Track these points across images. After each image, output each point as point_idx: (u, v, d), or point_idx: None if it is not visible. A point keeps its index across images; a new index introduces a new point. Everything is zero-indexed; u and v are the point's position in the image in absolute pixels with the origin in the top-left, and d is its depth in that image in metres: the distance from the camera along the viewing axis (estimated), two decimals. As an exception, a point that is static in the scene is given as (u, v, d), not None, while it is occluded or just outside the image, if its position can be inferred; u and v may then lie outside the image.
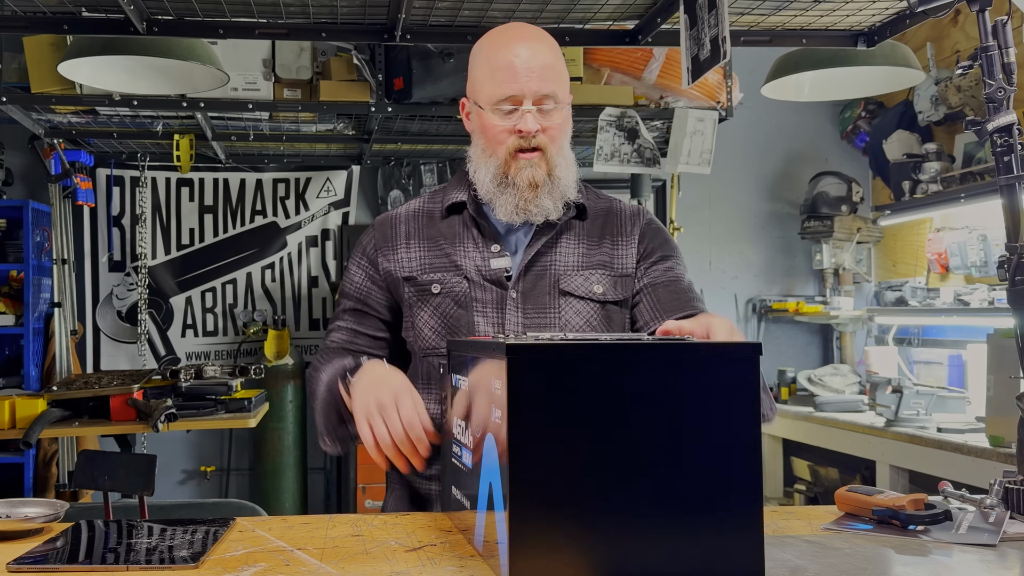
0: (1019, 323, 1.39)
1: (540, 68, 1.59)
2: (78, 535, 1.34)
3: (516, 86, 1.58)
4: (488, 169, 1.64)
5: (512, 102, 1.59)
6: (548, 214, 1.64)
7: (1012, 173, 1.39)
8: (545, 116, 1.60)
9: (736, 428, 1.09)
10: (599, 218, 1.73)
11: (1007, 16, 1.43)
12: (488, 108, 1.61)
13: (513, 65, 1.58)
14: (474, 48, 1.69)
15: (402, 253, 1.70)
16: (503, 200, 1.63)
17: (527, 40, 1.61)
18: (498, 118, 1.60)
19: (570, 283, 1.66)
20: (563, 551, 1.05)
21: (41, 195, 4.72)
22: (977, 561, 1.19)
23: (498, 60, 1.60)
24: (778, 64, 3.00)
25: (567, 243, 1.69)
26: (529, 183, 1.61)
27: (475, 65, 1.66)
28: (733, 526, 1.08)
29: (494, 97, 1.60)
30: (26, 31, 3.24)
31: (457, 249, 1.68)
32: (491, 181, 1.63)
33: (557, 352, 1.09)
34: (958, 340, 4.33)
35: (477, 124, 1.67)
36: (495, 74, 1.59)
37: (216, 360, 5.03)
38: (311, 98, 3.69)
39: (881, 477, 3.76)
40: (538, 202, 1.62)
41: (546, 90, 1.59)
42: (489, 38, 1.66)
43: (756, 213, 5.32)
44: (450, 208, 1.71)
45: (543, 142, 1.61)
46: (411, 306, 1.69)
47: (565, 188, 1.64)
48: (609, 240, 1.72)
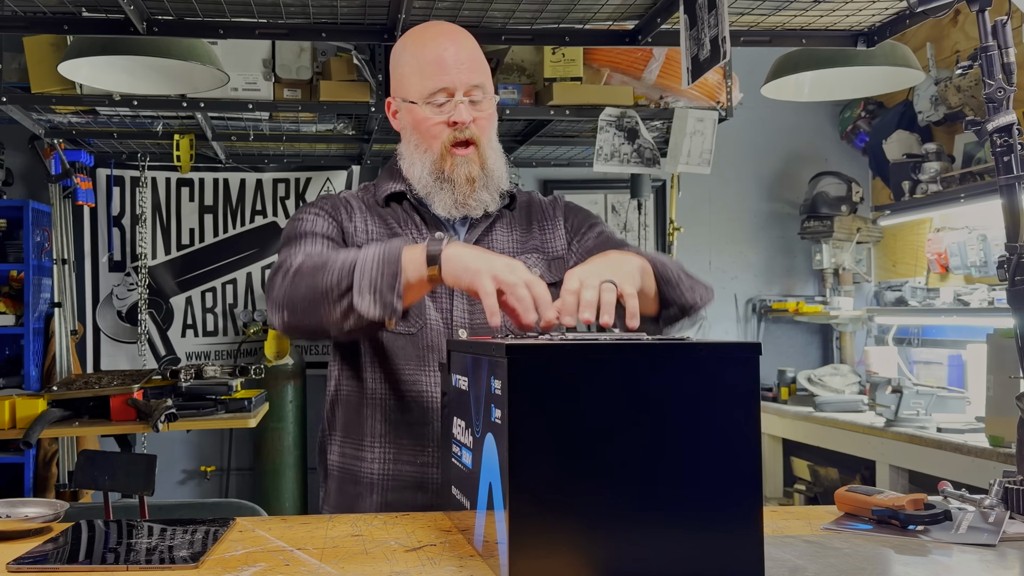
0: (1019, 323, 1.39)
1: (468, 60, 1.63)
2: (78, 535, 1.34)
3: (448, 78, 1.61)
4: (424, 164, 1.66)
5: (445, 93, 1.62)
6: (486, 206, 1.68)
7: (1012, 173, 1.39)
8: (476, 106, 1.64)
9: (736, 428, 1.10)
10: (524, 207, 1.79)
11: (1007, 16, 1.43)
12: (420, 102, 1.63)
13: (443, 58, 1.62)
14: (397, 47, 1.72)
15: (358, 222, 1.69)
16: (441, 196, 1.65)
17: (452, 35, 1.66)
18: (431, 111, 1.63)
19: None
20: (563, 551, 1.05)
21: (41, 195, 4.72)
22: (977, 561, 1.19)
23: (427, 55, 1.63)
24: (778, 64, 3.00)
25: (501, 232, 1.74)
26: (466, 178, 1.64)
27: (401, 62, 1.68)
28: (733, 526, 1.08)
29: (426, 90, 1.62)
30: (26, 31, 3.24)
31: (405, 232, 1.69)
32: (428, 175, 1.65)
33: (557, 352, 1.09)
34: (958, 340, 4.33)
35: (408, 121, 1.68)
36: (425, 68, 1.62)
37: (216, 360, 5.04)
38: (311, 98, 3.69)
39: (881, 477, 3.76)
40: (476, 196, 1.65)
41: (476, 80, 1.63)
42: (412, 36, 1.69)
43: (756, 213, 5.32)
44: (388, 198, 1.72)
45: (475, 133, 1.64)
46: None
47: (499, 179, 1.68)
48: (537, 226, 1.77)
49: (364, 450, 1.68)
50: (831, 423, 4.11)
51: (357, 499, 1.69)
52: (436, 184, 1.65)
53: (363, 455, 1.68)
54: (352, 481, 1.70)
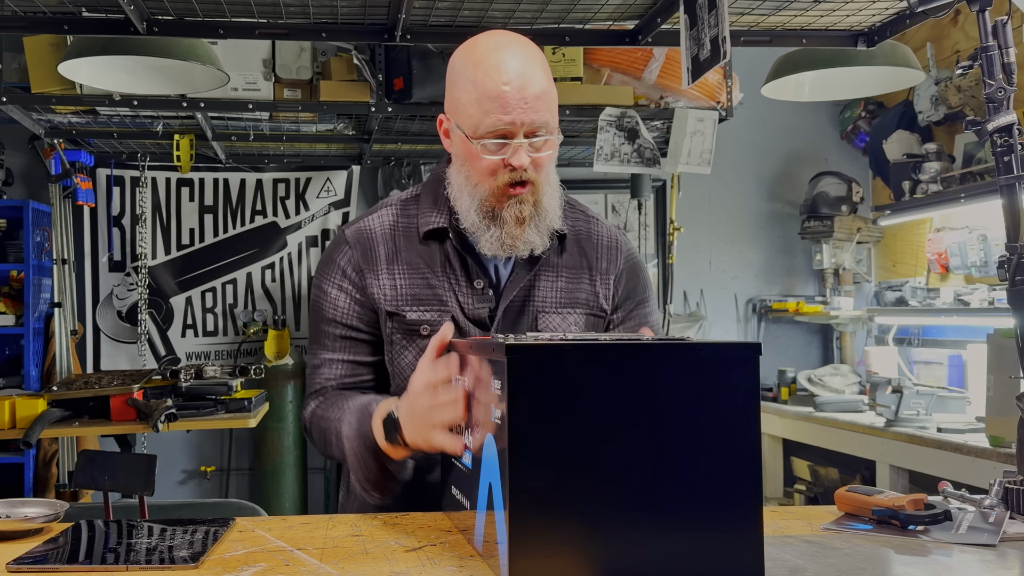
0: (1019, 323, 1.39)
1: (534, 97, 1.47)
2: (78, 535, 1.34)
3: (507, 119, 1.46)
4: (473, 200, 1.54)
5: (503, 135, 1.48)
6: (534, 248, 1.56)
7: (1012, 173, 1.39)
8: (536, 148, 1.51)
9: (736, 428, 1.09)
10: (578, 245, 1.67)
11: (1007, 16, 1.43)
12: (475, 139, 1.49)
13: (505, 96, 1.46)
14: (456, 62, 1.55)
15: (384, 280, 1.59)
16: (488, 236, 1.54)
17: (518, 62, 1.48)
18: (487, 151, 1.49)
19: (548, 323, 1.61)
20: (563, 551, 1.05)
21: (41, 195, 4.72)
22: (977, 561, 1.19)
23: (487, 87, 1.47)
24: (778, 64, 3.00)
25: (547, 277, 1.63)
26: (516, 218, 1.52)
27: (458, 86, 1.52)
28: (733, 526, 1.08)
29: (482, 128, 1.48)
30: (26, 31, 3.24)
31: (441, 282, 1.59)
32: (476, 213, 1.54)
33: (557, 352, 1.09)
34: (958, 340, 4.33)
35: (460, 151, 1.55)
36: (483, 103, 1.47)
37: (216, 360, 5.04)
38: (311, 98, 3.69)
39: (881, 477, 3.76)
40: (525, 237, 1.54)
41: (540, 121, 1.49)
42: (474, 55, 1.51)
43: (756, 213, 5.32)
44: (429, 233, 1.60)
45: (532, 176, 1.52)
46: (393, 343, 1.59)
47: (551, 219, 1.57)
48: (587, 275, 1.66)
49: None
50: (831, 423, 4.11)
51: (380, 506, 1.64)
52: (483, 223, 1.53)
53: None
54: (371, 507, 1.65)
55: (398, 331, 1.58)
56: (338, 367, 1.61)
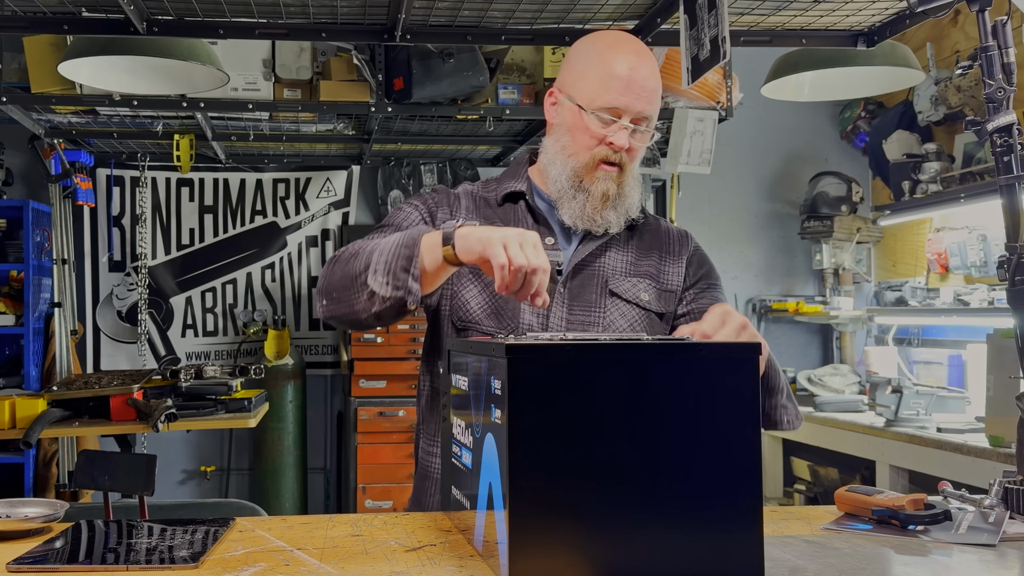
0: (1019, 323, 1.39)
1: (650, 91, 1.60)
2: (78, 535, 1.34)
3: (624, 100, 1.58)
4: (565, 168, 1.63)
5: (614, 113, 1.59)
6: (610, 227, 1.65)
7: (1012, 173, 1.39)
8: (636, 136, 1.61)
9: (736, 428, 1.10)
10: (648, 233, 1.76)
11: (1007, 16, 1.43)
12: (588, 110, 1.60)
13: (630, 79, 1.58)
14: (584, 44, 1.66)
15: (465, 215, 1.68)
16: (572, 204, 1.63)
17: (645, 59, 1.62)
18: (595, 123, 1.60)
19: (619, 286, 1.68)
20: (563, 551, 1.05)
21: (41, 195, 4.72)
22: (977, 561, 1.19)
23: (616, 67, 1.59)
24: (778, 64, 3.00)
25: (616, 250, 1.71)
26: (603, 194, 1.61)
27: (585, 62, 1.63)
28: (733, 526, 1.08)
29: (598, 102, 1.59)
30: (26, 31, 3.24)
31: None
32: (566, 180, 1.63)
33: (557, 352, 1.09)
34: (958, 340, 4.33)
35: (567, 120, 1.64)
36: (608, 81, 1.58)
37: (216, 360, 5.04)
38: (311, 98, 3.69)
39: (881, 477, 3.76)
40: (605, 214, 1.63)
41: (647, 112, 1.61)
42: (607, 40, 1.64)
43: (756, 213, 5.32)
44: (506, 197, 1.71)
45: (625, 160, 1.62)
46: (460, 276, 1.65)
47: (630, 205, 1.66)
48: (657, 255, 1.74)
49: (434, 444, 1.68)
50: (831, 423, 4.11)
51: (424, 494, 1.69)
52: (571, 192, 1.63)
53: (433, 449, 1.69)
54: (423, 476, 1.70)
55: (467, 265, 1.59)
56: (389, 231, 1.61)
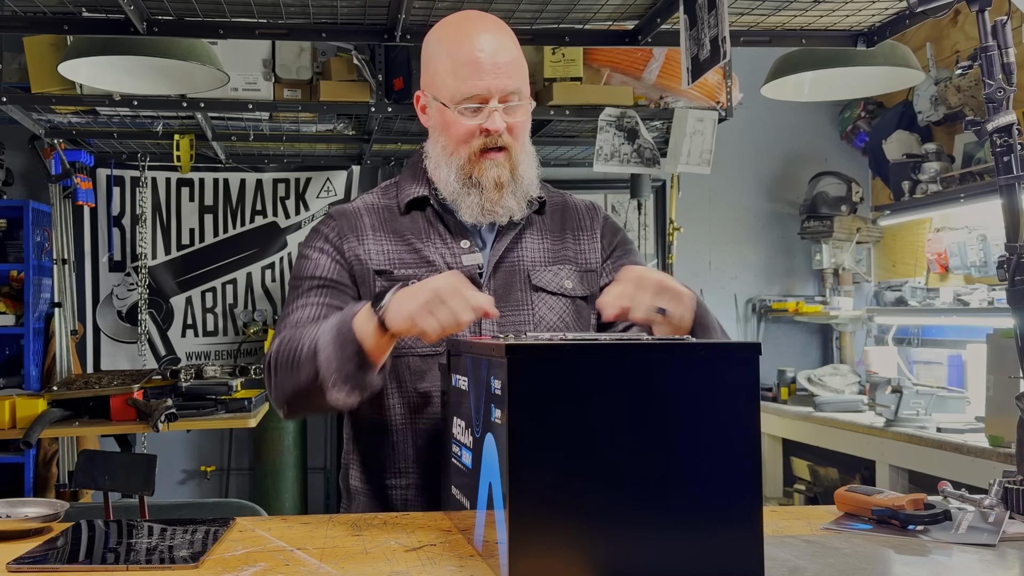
0: (1019, 323, 1.39)
1: (506, 64, 1.53)
2: (78, 535, 1.34)
3: (482, 84, 1.52)
4: (451, 168, 1.58)
5: (478, 100, 1.53)
6: (512, 214, 1.60)
7: (1012, 173, 1.39)
8: (510, 113, 1.55)
9: (736, 428, 1.10)
10: (556, 212, 1.71)
11: (1007, 16, 1.43)
12: (452, 105, 1.54)
13: (478, 61, 1.52)
14: (430, 38, 1.61)
15: (370, 244, 1.62)
16: (468, 201, 1.58)
17: (490, 33, 1.55)
18: (463, 116, 1.54)
19: (541, 278, 1.64)
20: (563, 551, 1.05)
21: (41, 195, 4.72)
22: (976, 561, 1.19)
23: (461, 55, 1.53)
24: (778, 64, 3.00)
25: (531, 238, 1.66)
26: (495, 183, 1.56)
27: (433, 58, 1.58)
28: (733, 526, 1.08)
29: (458, 95, 1.54)
30: (26, 31, 3.25)
31: (426, 244, 1.62)
32: (455, 180, 1.58)
33: (557, 352, 1.09)
34: (958, 340, 4.33)
35: (438, 121, 1.60)
36: (458, 70, 1.53)
37: (216, 360, 5.03)
38: (311, 98, 3.69)
39: (881, 477, 3.76)
40: (503, 203, 1.58)
41: (512, 86, 1.54)
42: (447, 29, 1.59)
43: (756, 213, 5.32)
44: (410, 204, 1.65)
45: (508, 141, 1.56)
46: None
47: (528, 186, 1.61)
48: (571, 235, 1.70)
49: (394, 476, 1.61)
50: (831, 423, 4.11)
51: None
52: (463, 189, 1.58)
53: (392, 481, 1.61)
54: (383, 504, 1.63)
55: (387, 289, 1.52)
56: (312, 310, 1.57)
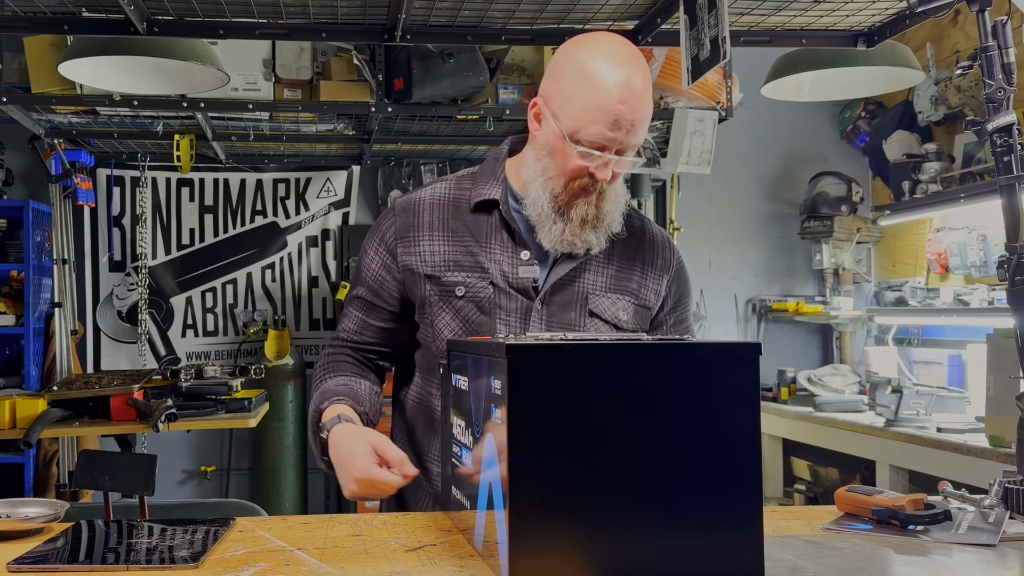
0: (1019, 323, 1.39)
1: (640, 122, 1.51)
2: (78, 535, 1.34)
3: (611, 135, 1.49)
4: (544, 190, 1.57)
5: (599, 148, 1.50)
6: (591, 247, 1.60)
7: (1012, 173, 1.39)
8: (620, 164, 1.54)
9: (736, 428, 1.10)
10: (632, 240, 1.70)
11: (1007, 16, 1.43)
12: (570, 139, 1.51)
13: (618, 114, 1.48)
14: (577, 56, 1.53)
15: (424, 246, 1.64)
16: (552, 229, 1.57)
17: (637, 88, 1.49)
18: (576, 155, 1.51)
19: (599, 304, 1.64)
20: (563, 551, 1.05)
21: (41, 195, 4.72)
22: (977, 561, 1.19)
23: (603, 100, 1.47)
24: (778, 64, 3.00)
25: (598, 262, 1.65)
26: (582, 219, 1.56)
27: (570, 81, 1.52)
28: (733, 526, 1.08)
29: (583, 134, 1.50)
30: (26, 31, 3.24)
31: (484, 249, 1.62)
32: (545, 205, 1.57)
33: (557, 352, 1.09)
34: (958, 340, 4.33)
35: (549, 141, 1.55)
36: (593, 112, 1.48)
37: (216, 360, 5.03)
38: (311, 98, 3.69)
39: (881, 477, 3.76)
40: (584, 237, 1.58)
41: (635, 143, 1.53)
42: (598, 59, 1.50)
43: (756, 213, 5.32)
44: (480, 204, 1.64)
45: (605, 187, 1.56)
46: (431, 305, 1.63)
47: (611, 223, 1.60)
48: (639, 268, 1.69)
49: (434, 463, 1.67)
50: (831, 423, 4.11)
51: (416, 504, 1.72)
52: (552, 216, 1.57)
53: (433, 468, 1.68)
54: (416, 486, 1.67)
55: (435, 293, 1.63)
56: (352, 322, 1.74)
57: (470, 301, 1.61)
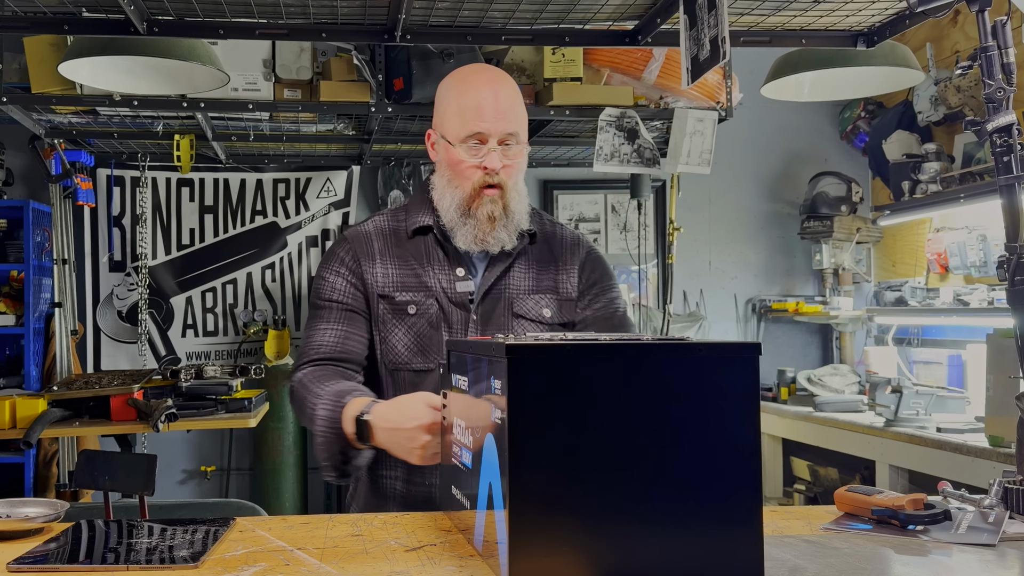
0: (1019, 323, 1.39)
1: (506, 110, 1.74)
2: (78, 535, 1.34)
3: (484, 125, 1.73)
4: (453, 200, 1.77)
5: (478, 139, 1.73)
6: (503, 244, 1.78)
7: (1011, 173, 1.39)
8: (507, 154, 1.75)
9: (736, 428, 1.10)
10: (545, 243, 1.89)
11: (1007, 16, 1.43)
12: (456, 144, 1.75)
13: (481, 107, 1.73)
14: (443, 85, 1.83)
15: (377, 269, 1.81)
16: (464, 231, 1.77)
17: (494, 83, 1.77)
18: (465, 153, 1.74)
19: (523, 306, 1.82)
20: (563, 551, 1.05)
21: (41, 195, 4.72)
22: (976, 561, 1.19)
23: (467, 100, 1.74)
24: (778, 64, 3.00)
25: (519, 268, 1.84)
26: (488, 217, 1.75)
27: (444, 102, 1.80)
28: (733, 526, 1.08)
29: (462, 134, 1.74)
30: (26, 31, 3.24)
31: (426, 270, 1.81)
32: (455, 211, 1.77)
33: (557, 352, 1.09)
34: (958, 340, 4.33)
35: (444, 157, 1.79)
36: (464, 113, 1.74)
37: (216, 360, 5.03)
38: (311, 98, 3.69)
39: (881, 477, 3.76)
40: (495, 234, 1.76)
41: (510, 129, 1.74)
42: (457, 78, 1.81)
43: (756, 213, 5.32)
44: (416, 230, 1.83)
45: (503, 179, 1.75)
46: (384, 323, 1.79)
47: (518, 220, 1.79)
48: (554, 267, 1.87)
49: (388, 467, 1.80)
50: (831, 423, 4.11)
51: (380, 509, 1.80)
52: (461, 220, 1.76)
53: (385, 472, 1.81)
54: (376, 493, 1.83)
55: (388, 311, 1.80)
56: (332, 335, 1.80)
57: (421, 317, 1.78)
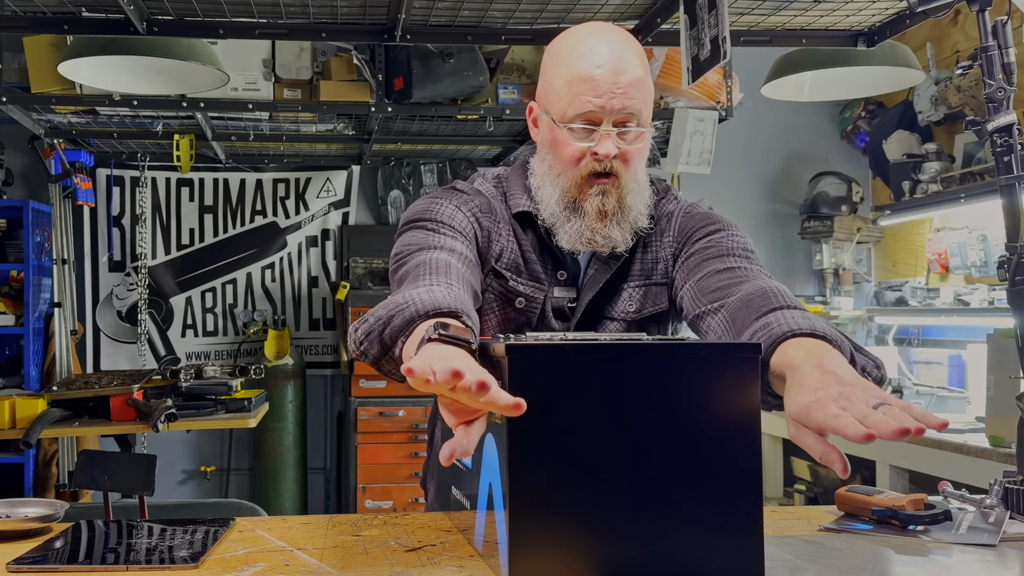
0: (1019, 323, 1.39)
1: (626, 84, 1.40)
2: (78, 535, 1.34)
3: (597, 102, 1.40)
4: (555, 190, 1.47)
5: (591, 120, 1.41)
6: (615, 245, 1.48)
7: (1012, 173, 1.39)
8: (624, 139, 1.43)
9: (736, 428, 1.09)
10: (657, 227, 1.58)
11: (1007, 16, 1.43)
12: (562, 124, 1.43)
13: (595, 78, 1.40)
14: (551, 48, 1.49)
15: (505, 243, 1.52)
16: (568, 228, 1.47)
17: (613, 48, 1.42)
18: (572, 136, 1.43)
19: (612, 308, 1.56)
20: (563, 551, 1.05)
21: (41, 195, 4.72)
22: (977, 561, 1.19)
23: (579, 70, 1.41)
24: (778, 64, 3.00)
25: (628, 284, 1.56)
26: (598, 211, 1.45)
27: (551, 70, 1.47)
28: (733, 526, 1.08)
29: (569, 113, 1.42)
30: (26, 31, 3.25)
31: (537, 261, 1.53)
32: (556, 204, 1.47)
33: (557, 352, 1.09)
34: (958, 340, 4.33)
35: (547, 137, 1.48)
36: (574, 86, 1.41)
37: (216, 360, 5.03)
38: (311, 98, 3.70)
39: (881, 477, 3.76)
40: (606, 232, 1.46)
41: (630, 108, 1.41)
42: (570, 39, 1.46)
43: (756, 213, 5.32)
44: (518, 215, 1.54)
45: (618, 168, 1.43)
46: (485, 301, 1.52)
47: (636, 217, 1.49)
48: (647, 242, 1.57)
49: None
50: (831, 423, 4.10)
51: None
52: (564, 214, 1.47)
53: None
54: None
55: (495, 293, 1.52)
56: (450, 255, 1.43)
57: (523, 314, 1.52)
